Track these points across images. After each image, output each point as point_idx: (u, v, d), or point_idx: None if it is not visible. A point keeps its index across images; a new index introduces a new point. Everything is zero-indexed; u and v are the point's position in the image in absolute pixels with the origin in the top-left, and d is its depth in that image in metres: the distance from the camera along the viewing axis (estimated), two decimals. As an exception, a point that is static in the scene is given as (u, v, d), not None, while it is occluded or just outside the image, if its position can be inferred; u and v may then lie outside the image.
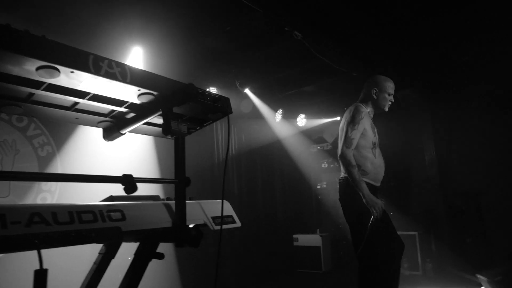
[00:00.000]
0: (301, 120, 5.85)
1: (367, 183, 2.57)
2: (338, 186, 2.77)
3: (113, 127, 1.38)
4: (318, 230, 6.04)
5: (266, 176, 6.27)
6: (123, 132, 1.37)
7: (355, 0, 3.56)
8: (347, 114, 2.70)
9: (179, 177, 1.22)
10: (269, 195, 6.25)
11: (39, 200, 3.65)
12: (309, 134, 6.76)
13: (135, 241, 1.30)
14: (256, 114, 5.55)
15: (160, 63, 4.06)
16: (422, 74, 5.21)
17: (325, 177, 6.74)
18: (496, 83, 5.25)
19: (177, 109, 1.33)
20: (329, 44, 4.12)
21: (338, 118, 6.61)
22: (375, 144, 2.71)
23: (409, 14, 3.84)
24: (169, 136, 1.23)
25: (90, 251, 1.52)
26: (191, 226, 1.17)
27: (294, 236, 6.07)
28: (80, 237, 0.93)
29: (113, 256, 1.38)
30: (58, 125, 3.93)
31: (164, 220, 1.19)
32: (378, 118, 3.18)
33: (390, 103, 2.84)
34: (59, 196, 3.76)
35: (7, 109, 1.13)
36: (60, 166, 3.90)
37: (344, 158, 2.53)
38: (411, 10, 3.79)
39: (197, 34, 3.99)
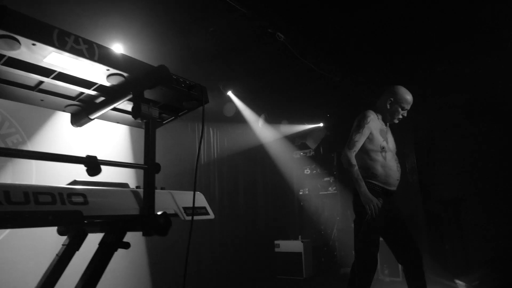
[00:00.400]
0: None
1: (378, 186, 2.74)
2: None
3: (81, 111, 1.32)
4: (300, 236, 6.00)
5: (248, 181, 6.21)
6: (92, 117, 1.31)
7: (339, 5, 3.60)
8: (355, 120, 2.85)
9: (148, 162, 1.16)
10: (250, 200, 6.19)
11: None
12: (292, 140, 6.76)
13: (100, 231, 1.23)
14: (239, 118, 5.52)
15: (141, 62, 3.99)
16: (403, 82, 5.28)
17: (307, 184, 6.73)
18: (475, 92, 5.38)
19: (150, 95, 1.28)
20: (312, 48, 4.14)
21: (321, 124, 6.64)
22: (384, 148, 2.81)
23: (392, 22, 3.91)
24: (139, 120, 1.17)
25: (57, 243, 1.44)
26: (159, 213, 1.12)
27: (276, 242, 6.00)
28: (35, 218, 0.87)
29: (77, 248, 1.31)
30: (31, 123, 3.81)
31: (131, 208, 1.13)
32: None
33: (401, 117, 2.95)
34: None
35: (-36, 85, 1.06)
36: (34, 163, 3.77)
37: (344, 158, 2.73)
38: (394, 18, 3.86)
39: (179, 34, 3.94)
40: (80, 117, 1.33)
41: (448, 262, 5.43)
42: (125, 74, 1.15)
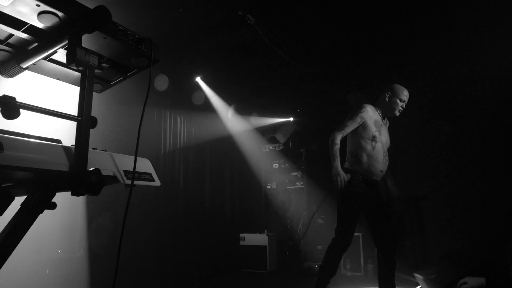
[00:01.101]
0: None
1: (360, 173, 3.06)
2: None
3: (11, 59, 1.17)
4: (265, 230, 5.95)
5: (215, 172, 6.09)
6: (23, 66, 1.16)
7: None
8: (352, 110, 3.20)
9: (82, 115, 1.03)
10: (217, 192, 6.07)
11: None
12: (262, 132, 6.69)
13: (27, 193, 1.09)
14: (208, 107, 5.38)
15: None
16: (371, 80, 5.35)
17: (275, 178, 6.69)
18: (439, 92, 5.52)
19: (92, 45, 1.15)
20: (284, 36, 4.08)
21: (291, 118, 6.62)
22: (375, 137, 3.07)
23: (364, 17, 3.92)
24: (73, 66, 1.04)
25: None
26: (90, 169, 0.99)
27: (241, 235, 5.92)
28: None
29: (1, 212, 1.16)
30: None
31: (59, 163, 0.99)
32: (328, 120, 3.61)
33: (401, 109, 3.24)
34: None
35: None
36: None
37: (331, 137, 3.03)
38: (367, 13, 3.86)
39: (146, 14, 3.77)
40: (9, 65, 1.17)
41: (408, 257, 5.54)
42: (59, 14, 1.02)
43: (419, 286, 3.95)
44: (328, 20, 4.00)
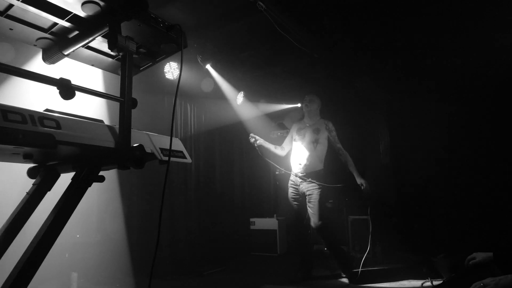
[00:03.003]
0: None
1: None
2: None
3: (54, 46, 1.26)
4: (275, 214, 6.08)
5: (225, 158, 6.20)
6: (65, 52, 1.25)
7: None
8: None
9: (124, 96, 1.13)
10: (227, 178, 6.19)
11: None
12: (271, 118, 6.77)
13: (73, 170, 1.19)
14: (217, 94, 5.46)
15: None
16: (379, 64, 5.38)
17: (283, 164, 6.78)
18: (447, 77, 5.54)
19: (127, 31, 1.23)
20: (293, 22, 4.12)
21: (299, 104, 6.67)
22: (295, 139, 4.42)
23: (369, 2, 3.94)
24: (115, 52, 1.13)
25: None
26: (135, 145, 1.09)
27: (251, 219, 6.06)
28: (4, 134, 0.83)
29: (49, 188, 1.27)
30: None
31: (106, 141, 1.10)
32: (336, 105, 4.03)
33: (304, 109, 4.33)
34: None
35: None
36: None
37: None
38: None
39: (157, 3, 3.82)
40: (52, 52, 1.27)
41: (416, 240, 5.65)
42: (101, 3, 1.10)
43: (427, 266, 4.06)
44: (335, 3, 4.02)
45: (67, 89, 0.96)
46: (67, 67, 1.74)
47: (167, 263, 4.61)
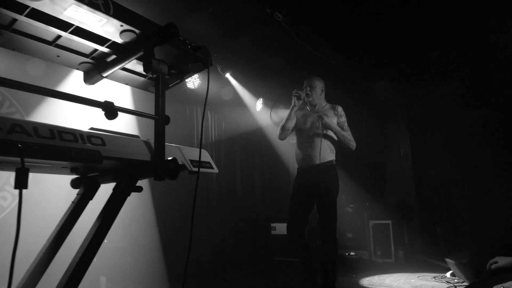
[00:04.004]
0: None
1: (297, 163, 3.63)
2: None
3: (94, 69, 1.40)
4: (295, 219, 6.12)
5: (246, 164, 6.31)
6: (104, 74, 1.39)
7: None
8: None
9: (158, 114, 1.25)
10: (248, 184, 6.30)
11: None
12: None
13: (113, 180, 1.32)
14: (237, 101, 5.59)
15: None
16: (397, 68, 5.39)
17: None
18: (468, 78, 5.49)
19: (158, 54, 1.36)
20: (309, 30, 4.21)
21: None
22: (299, 129, 3.69)
23: (384, 4, 3.98)
24: (150, 74, 1.26)
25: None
26: (169, 158, 1.21)
27: (272, 224, 6.13)
28: (60, 152, 0.95)
29: (91, 197, 1.40)
30: (33, 103, 3.86)
31: (143, 154, 1.22)
32: (357, 109, 3.97)
33: (306, 94, 3.62)
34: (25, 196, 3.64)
35: (-12, 36, 1.13)
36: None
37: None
38: (387, 1, 3.93)
39: (178, 16, 3.99)
40: (92, 74, 1.41)
41: (439, 244, 5.59)
42: (137, 31, 1.23)
43: (451, 271, 4.03)
44: (350, 9, 4.08)
45: (111, 110, 1.09)
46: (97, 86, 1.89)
47: (190, 267, 4.74)
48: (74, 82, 3.78)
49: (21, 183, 0.82)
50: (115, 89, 2.45)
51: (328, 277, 3.24)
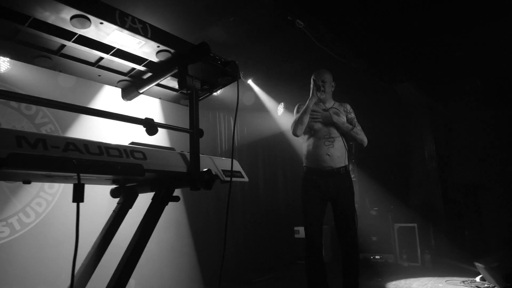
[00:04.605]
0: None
1: (307, 166, 3.21)
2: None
3: (131, 86, 1.50)
4: (319, 222, 6.13)
5: (268, 168, 6.37)
6: (140, 91, 1.48)
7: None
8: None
9: (193, 128, 1.33)
10: (271, 188, 6.35)
11: (34, 204, 3.69)
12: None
13: (151, 190, 1.41)
14: (258, 106, 5.66)
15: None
16: (419, 68, 5.33)
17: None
18: (493, 77, 5.37)
19: (190, 71, 1.44)
20: (329, 35, 4.24)
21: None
22: (312, 127, 3.16)
23: (406, 6, 3.97)
24: (184, 91, 1.34)
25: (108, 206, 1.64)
26: (204, 170, 1.28)
27: (295, 228, 6.16)
28: (109, 167, 1.04)
29: (130, 206, 1.50)
30: (64, 113, 4.04)
31: (180, 166, 1.30)
32: (378, 111, 3.51)
33: (318, 87, 3.14)
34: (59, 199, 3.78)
35: (40, 61, 1.24)
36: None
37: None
38: (409, 3, 3.91)
39: (200, 24, 4.10)
40: (130, 91, 1.50)
41: (467, 247, 5.47)
42: (172, 51, 1.32)
43: (480, 275, 3.95)
44: (371, 11, 4.09)
45: (151, 126, 1.17)
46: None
47: (216, 271, 4.83)
48: (104, 95, 3.98)
49: (78, 197, 0.91)
50: (140, 101, 2.57)
51: (351, 282, 3.05)
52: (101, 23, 1.11)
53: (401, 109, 6.33)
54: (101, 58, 1.32)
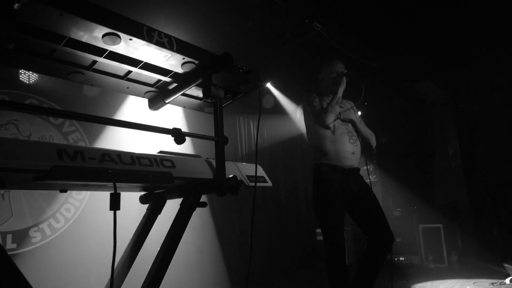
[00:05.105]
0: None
1: (328, 164, 2.66)
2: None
3: (157, 97, 1.56)
4: (341, 224, 6.09)
5: (289, 170, 6.38)
6: (166, 101, 1.54)
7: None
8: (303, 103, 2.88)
9: (218, 135, 1.38)
10: (291, 190, 6.36)
11: (64, 210, 3.80)
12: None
13: (178, 196, 1.46)
14: (278, 109, 5.69)
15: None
16: (442, 65, 5.24)
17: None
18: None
19: (215, 79, 1.49)
20: (348, 35, 4.23)
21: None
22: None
23: (425, 4, 3.91)
24: (209, 100, 1.38)
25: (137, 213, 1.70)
26: (230, 176, 1.32)
27: (317, 230, 6.14)
28: (141, 176, 1.10)
29: (159, 212, 1.56)
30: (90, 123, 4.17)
31: (206, 173, 1.35)
32: (398, 112, 3.19)
33: (334, 75, 2.82)
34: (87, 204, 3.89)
35: (73, 76, 1.32)
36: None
37: (326, 121, 2.63)
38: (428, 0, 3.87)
39: (218, 29, 4.15)
40: (156, 101, 1.57)
41: (496, 247, 5.32)
42: (196, 62, 1.37)
43: (510, 277, 3.85)
44: (390, 11, 4.05)
45: (179, 135, 1.22)
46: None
47: (240, 274, 4.88)
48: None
49: (115, 205, 0.97)
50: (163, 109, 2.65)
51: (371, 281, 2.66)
52: (130, 39, 1.18)
53: (421, 107, 6.22)
54: (129, 72, 1.39)
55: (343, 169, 2.67)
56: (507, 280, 3.81)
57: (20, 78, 3.55)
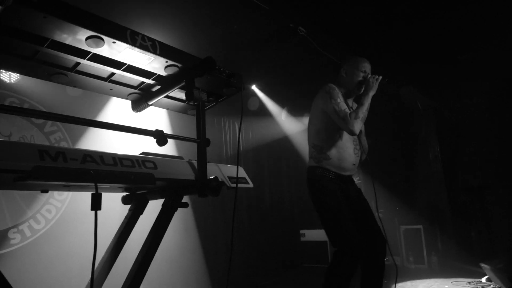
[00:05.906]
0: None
1: (330, 170, 2.48)
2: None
3: (141, 99, 1.58)
4: (324, 225, 6.16)
5: (273, 172, 6.43)
6: (149, 103, 1.56)
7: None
8: (322, 94, 2.48)
9: (200, 137, 1.40)
10: (276, 191, 6.41)
11: (44, 211, 3.75)
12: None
13: (161, 197, 1.48)
14: (263, 111, 5.74)
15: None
16: (423, 71, 5.36)
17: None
18: (499, 79, 5.39)
19: (197, 83, 1.52)
20: (331, 40, 4.31)
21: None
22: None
23: (408, 10, 4.01)
24: (191, 103, 1.41)
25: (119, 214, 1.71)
26: (211, 177, 1.35)
27: (301, 231, 6.20)
28: (123, 177, 1.12)
29: (141, 212, 1.57)
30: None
31: (189, 174, 1.37)
32: (381, 115, 3.23)
33: (361, 78, 2.59)
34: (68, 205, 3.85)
35: (56, 78, 1.33)
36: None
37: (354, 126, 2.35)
38: (411, 7, 3.96)
39: (203, 32, 4.17)
40: (139, 103, 1.58)
41: (474, 249, 5.47)
42: (179, 65, 1.40)
43: (486, 276, 3.97)
44: (373, 16, 4.13)
45: (161, 137, 1.25)
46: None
47: (223, 275, 4.89)
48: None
49: (96, 206, 0.99)
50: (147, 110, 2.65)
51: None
52: (114, 42, 1.19)
53: (404, 112, 6.37)
54: (113, 74, 1.41)
55: (343, 177, 2.53)
56: (483, 279, 3.94)
57: (1, 77, 3.50)
